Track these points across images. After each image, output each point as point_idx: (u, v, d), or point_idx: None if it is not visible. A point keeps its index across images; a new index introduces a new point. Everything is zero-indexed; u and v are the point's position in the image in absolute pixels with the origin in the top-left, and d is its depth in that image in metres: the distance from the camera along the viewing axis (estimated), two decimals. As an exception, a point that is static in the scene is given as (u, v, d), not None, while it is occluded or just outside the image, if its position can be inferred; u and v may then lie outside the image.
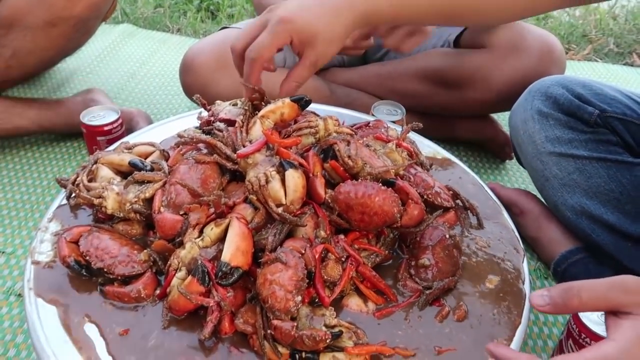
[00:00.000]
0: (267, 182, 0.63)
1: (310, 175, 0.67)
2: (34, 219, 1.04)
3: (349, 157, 0.67)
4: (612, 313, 0.46)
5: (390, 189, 0.65)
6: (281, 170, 0.64)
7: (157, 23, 2.01)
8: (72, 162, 1.19)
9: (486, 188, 0.85)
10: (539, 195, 0.97)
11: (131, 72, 1.57)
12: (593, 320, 0.65)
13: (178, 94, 1.45)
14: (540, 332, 0.84)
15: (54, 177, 1.14)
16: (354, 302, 0.64)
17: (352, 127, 0.84)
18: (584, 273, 0.87)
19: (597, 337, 0.64)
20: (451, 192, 0.78)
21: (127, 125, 1.13)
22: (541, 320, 0.86)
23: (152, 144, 0.81)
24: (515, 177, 1.21)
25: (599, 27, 2.14)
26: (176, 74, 1.23)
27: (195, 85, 1.15)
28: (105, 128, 1.00)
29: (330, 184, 0.70)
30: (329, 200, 0.66)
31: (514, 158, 1.00)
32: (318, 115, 0.84)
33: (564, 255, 0.91)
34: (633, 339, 0.44)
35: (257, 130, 0.70)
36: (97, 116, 1.03)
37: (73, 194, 0.73)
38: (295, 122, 0.77)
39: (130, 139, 0.91)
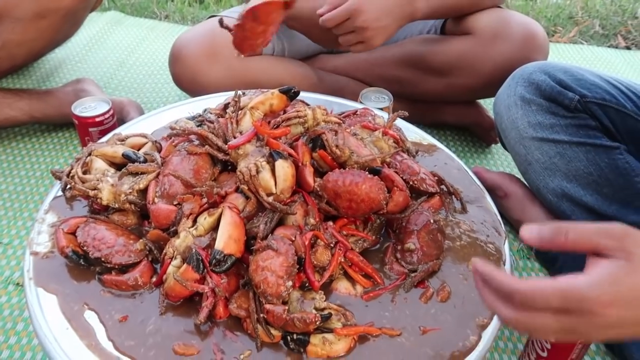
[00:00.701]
0: (257, 172, 0.66)
1: (300, 164, 0.69)
2: (29, 209, 1.06)
3: (337, 146, 0.69)
4: (595, 254, 0.48)
5: (376, 177, 0.68)
6: (271, 160, 0.67)
7: (144, 9, 2.00)
8: (64, 153, 1.20)
9: (470, 173, 0.87)
10: (522, 179, 1.00)
11: (120, 61, 1.57)
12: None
13: (168, 82, 1.46)
14: (511, 334, 0.87)
15: (47, 168, 1.15)
16: (342, 286, 0.67)
17: (340, 115, 0.86)
18: (564, 253, 0.91)
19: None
20: (436, 177, 0.81)
21: (118, 115, 1.14)
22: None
23: (144, 136, 0.82)
24: (501, 160, 1.24)
25: (585, 9, 2.15)
26: (165, 61, 1.24)
27: (184, 75, 1.16)
28: (97, 119, 1.01)
29: (319, 173, 0.72)
30: (318, 189, 0.68)
31: (499, 142, 1.02)
32: (307, 104, 0.86)
33: (546, 236, 0.94)
34: (605, 277, 0.46)
35: (247, 122, 0.72)
36: (89, 107, 1.04)
37: (68, 186, 0.75)
38: (285, 112, 0.79)
39: (123, 130, 0.93)
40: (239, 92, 0.87)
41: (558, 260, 0.92)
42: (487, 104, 1.31)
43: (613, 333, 0.46)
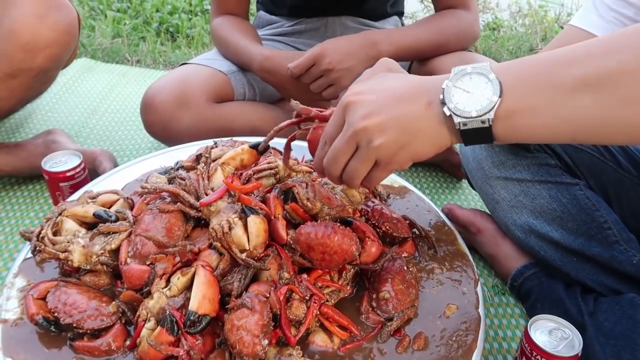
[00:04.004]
0: (230, 229, 0.66)
1: (272, 217, 0.70)
2: (-2, 267, 1.03)
3: (308, 199, 0.70)
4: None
5: (348, 228, 0.69)
6: (243, 216, 0.67)
7: (115, 54, 2.01)
8: (34, 206, 1.18)
9: (441, 214, 0.90)
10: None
11: (91, 109, 1.56)
12: (543, 340, 0.70)
13: (140, 129, 1.45)
14: (500, 347, 0.89)
15: (16, 223, 1.13)
16: (319, 339, 0.67)
17: (311, 162, 0.88)
18: (538, 286, 0.93)
19: (547, 355, 0.68)
20: (408, 221, 0.82)
21: (90, 166, 1.14)
22: (500, 336, 0.91)
23: (115, 192, 0.82)
24: (472, 195, 1.27)
25: (545, 40, 2.26)
26: (137, 108, 1.24)
27: (156, 123, 1.16)
28: (68, 174, 1.00)
29: (292, 224, 0.73)
30: (291, 242, 0.69)
31: (467, 181, 1.05)
32: (280, 152, 0.88)
33: (520, 270, 0.96)
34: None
35: (219, 178, 0.73)
36: (59, 162, 1.03)
37: (38, 248, 0.74)
38: (256, 163, 0.80)
39: (94, 185, 0.93)
40: (211, 143, 0.89)
41: (532, 294, 0.94)
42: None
43: (383, 118, 0.54)
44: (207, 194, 0.71)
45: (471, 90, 0.52)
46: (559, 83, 0.49)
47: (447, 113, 0.53)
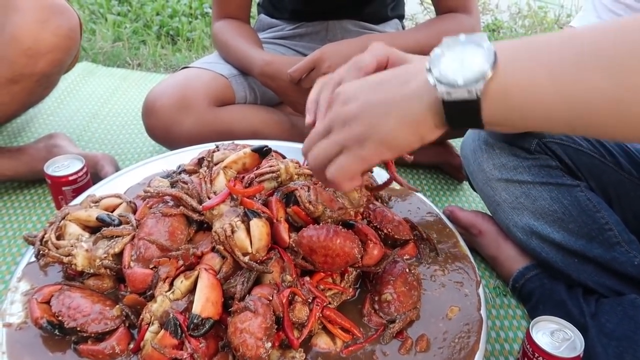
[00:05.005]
0: (232, 232, 0.67)
1: (274, 220, 0.70)
2: (1, 271, 1.03)
3: (310, 202, 0.70)
4: None
5: (350, 230, 0.69)
6: (246, 219, 0.68)
7: (116, 58, 2.02)
8: (37, 210, 1.18)
9: (443, 216, 0.90)
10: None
11: (93, 112, 1.57)
12: (545, 341, 0.70)
13: (142, 132, 1.46)
14: (502, 348, 0.89)
15: (19, 227, 1.13)
16: (322, 341, 0.67)
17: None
18: (540, 288, 0.93)
19: (549, 356, 0.69)
20: (409, 224, 0.83)
21: (92, 170, 1.14)
22: (502, 337, 0.91)
23: (118, 196, 0.83)
24: (473, 197, 1.27)
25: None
26: (138, 111, 1.25)
27: (158, 127, 1.17)
28: (70, 178, 1.01)
29: (294, 227, 0.73)
30: (294, 245, 0.69)
31: (468, 183, 1.06)
32: (282, 155, 0.88)
33: (521, 272, 0.97)
34: None
35: (221, 181, 0.73)
36: (62, 166, 1.04)
37: (42, 252, 0.74)
38: (258, 167, 0.81)
39: (97, 189, 0.93)
40: (213, 146, 0.89)
41: (534, 295, 0.94)
42: (456, 143, 1.36)
43: (361, 103, 0.50)
44: (209, 198, 0.72)
45: (462, 59, 0.45)
46: (566, 57, 0.42)
47: (432, 82, 0.46)
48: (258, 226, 0.67)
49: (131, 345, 0.66)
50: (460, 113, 0.46)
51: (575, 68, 0.41)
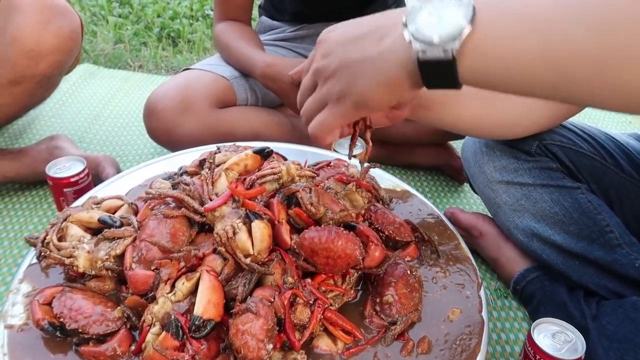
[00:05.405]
0: (234, 234, 0.67)
1: (276, 222, 0.71)
2: (2, 273, 1.04)
3: (311, 204, 0.70)
4: None
5: (351, 232, 0.69)
6: (247, 221, 0.68)
7: (117, 59, 2.02)
8: (38, 212, 1.19)
9: (444, 218, 0.90)
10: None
11: (94, 114, 1.57)
12: (546, 343, 0.70)
13: (143, 133, 1.46)
14: (503, 350, 0.89)
15: (20, 229, 1.14)
16: (323, 343, 0.67)
17: (314, 167, 0.88)
18: (541, 290, 0.93)
19: (551, 358, 0.69)
20: (410, 225, 0.83)
21: (93, 172, 1.14)
22: (503, 339, 0.91)
23: (120, 198, 0.83)
24: (474, 198, 1.27)
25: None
26: (140, 113, 1.25)
27: (159, 129, 1.17)
28: (72, 179, 1.01)
29: (296, 229, 0.74)
30: (295, 247, 0.69)
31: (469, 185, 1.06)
32: (283, 157, 0.88)
33: (522, 274, 0.97)
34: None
35: (223, 183, 0.74)
36: (63, 167, 1.04)
37: (43, 254, 0.74)
38: (259, 168, 0.81)
39: (98, 190, 0.93)
40: (214, 148, 0.89)
41: (535, 297, 0.94)
42: (457, 144, 1.36)
43: (340, 56, 0.51)
44: (211, 199, 0.72)
45: (440, 14, 0.42)
46: (551, 15, 0.40)
47: (407, 38, 0.43)
48: (260, 228, 0.67)
49: (132, 347, 0.66)
50: (435, 74, 0.44)
51: (560, 27, 0.39)
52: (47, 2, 0.97)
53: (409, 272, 0.74)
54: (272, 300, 0.64)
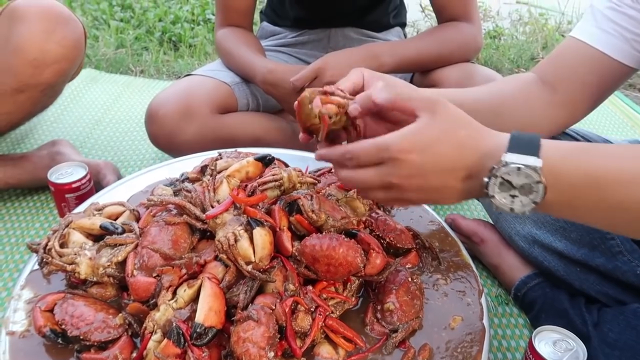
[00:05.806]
0: (235, 241, 0.67)
1: (277, 229, 0.71)
2: (4, 278, 1.04)
3: (313, 211, 0.71)
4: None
5: (352, 240, 0.69)
6: (249, 228, 0.68)
7: (119, 64, 2.03)
8: (39, 217, 1.19)
9: (445, 225, 0.90)
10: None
11: (96, 119, 1.58)
12: (547, 351, 0.70)
13: (145, 139, 1.47)
14: (504, 357, 0.89)
15: (22, 234, 1.14)
16: (325, 350, 0.67)
17: (315, 174, 0.88)
18: (542, 297, 0.93)
19: (551, 365, 0.69)
20: (411, 232, 0.83)
21: (94, 178, 1.14)
22: (504, 346, 0.91)
23: (121, 204, 0.83)
24: (475, 205, 1.27)
25: (546, 49, 2.27)
26: (141, 118, 1.25)
27: (161, 135, 1.17)
28: (74, 185, 1.01)
29: (297, 236, 0.74)
30: (296, 254, 0.69)
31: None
32: (284, 164, 0.89)
33: (523, 281, 0.97)
34: (408, 130, 0.55)
35: (224, 190, 0.74)
36: (65, 173, 1.04)
37: (45, 260, 0.74)
38: (261, 175, 0.81)
39: (100, 196, 0.93)
40: (216, 154, 0.90)
41: (536, 304, 0.94)
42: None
43: (421, 183, 0.55)
44: (212, 207, 0.72)
45: (515, 193, 0.54)
46: (607, 198, 0.54)
47: (490, 193, 0.55)
48: (261, 235, 0.67)
49: (134, 354, 0.66)
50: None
51: (612, 211, 0.55)
52: (51, 11, 0.98)
53: (410, 279, 0.74)
54: (274, 307, 0.64)
